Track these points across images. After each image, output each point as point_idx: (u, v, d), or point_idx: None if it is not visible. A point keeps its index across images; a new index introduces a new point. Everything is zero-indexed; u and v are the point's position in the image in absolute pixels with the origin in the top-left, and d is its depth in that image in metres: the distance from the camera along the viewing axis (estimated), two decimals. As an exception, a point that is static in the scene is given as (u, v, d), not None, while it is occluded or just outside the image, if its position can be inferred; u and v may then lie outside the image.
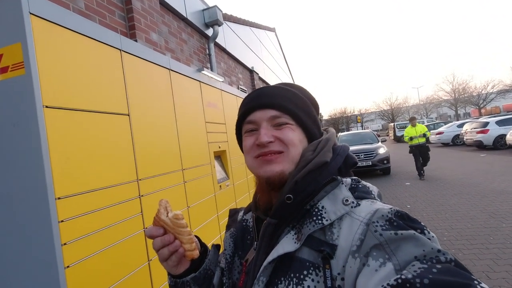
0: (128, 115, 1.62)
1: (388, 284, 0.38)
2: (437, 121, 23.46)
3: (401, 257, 0.41)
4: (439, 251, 0.41)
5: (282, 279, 0.51)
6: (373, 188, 0.59)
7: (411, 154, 8.06)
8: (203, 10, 4.67)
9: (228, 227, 0.75)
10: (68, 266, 1.15)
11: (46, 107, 1.16)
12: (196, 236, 0.70)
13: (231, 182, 3.05)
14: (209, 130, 2.68)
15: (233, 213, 0.79)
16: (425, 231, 0.44)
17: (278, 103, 0.61)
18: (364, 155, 8.69)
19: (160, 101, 1.97)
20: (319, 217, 0.51)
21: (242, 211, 0.77)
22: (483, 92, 34.59)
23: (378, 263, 0.42)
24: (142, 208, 1.63)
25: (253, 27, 8.14)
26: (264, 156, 0.59)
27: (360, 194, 0.54)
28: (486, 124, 11.59)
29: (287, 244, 0.52)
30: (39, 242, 1.11)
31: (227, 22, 5.81)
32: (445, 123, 19.03)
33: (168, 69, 2.13)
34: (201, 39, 4.68)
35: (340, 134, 12.09)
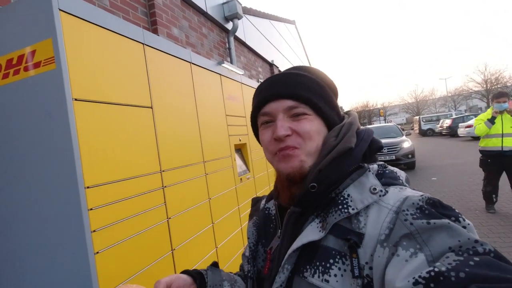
0: (151, 108, 1.66)
1: (420, 277, 0.36)
2: (466, 114, 22.33)
3: (434, 247, 0.39)
4: (476, 241, 0.37)
5: (308, 267, 0.50)
6: (401, 173, 0.56)
7: (482, 168, 4.24)
8: (223, 3, 4.66)
9: (251, 216, 0.75)
10: (97, 252, 1.20)
11: (75, 99, 1.20)
12: (186, 271, 0.68)
13: (252, 175, 3.07)
14: (230, 123, 2.69)
15: (255, 201, 0.79)
16: (460, 219, 0.42)
17: (294, 92, 0.57)
18: (387, 149, 8.42)
19: (181, 94, 2.00)
20: (345, 206, 0.49)
21: (264, 199, 0.76)
22: (518, 82, 32.47)
23: (408, 253, 0.40)
24: (165, 199, 1.67)
25: (273, 20, 8.05)
26: (282, 151, 0.57)
27: (387, 180, 0.52)
28: (522, 116, 10.82)
29: (311, 233, 0.51)
30: (70, 229, 1.17)
31: (246, 15, 5.78)
32: (475, 116, 18.06)
33: (189, 62, 2.15)
34: (221, 33, 4.69)
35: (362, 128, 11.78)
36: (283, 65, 8.63)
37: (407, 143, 8.53)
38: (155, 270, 1.51)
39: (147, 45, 1.70)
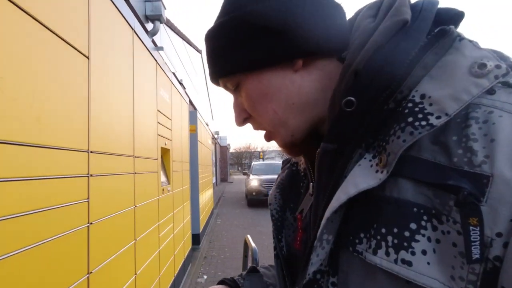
0: (88, 58, 1.15)
1: None
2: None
3: None
4: None
5: (362, 236, 0.29)
6: None
7: None
8: (145, 0, 4.21)
9: (276, 180, 0.56)
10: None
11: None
12: (222, 281, 0.57)
13: (171, 187, 2.57)
14: (160, 121, 2.23)
15: (286, 163, 0.57)
16: None
17: (214, 71, 0.41)
18: (277, 184, 9.06)
19: (122, 61, 1.51)
20: (419, 115, 0.27)
21: None
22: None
23: None
24: (89, 193, 1.11)
25: (185, 41, 7.88)
26: None
27: None
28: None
29: (362, 177, 0.29)
30: None
31: (164, 24, 5.42)
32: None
33: (132, 29, 1.69)
34: (138, 31, 4.16)
35: (253, 163, 12.45)
36: (188, 87, 8.38)
37: (293, 180, 9.43)
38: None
39: (95, -24, 1.22)
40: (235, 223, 6.84)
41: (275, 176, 6.83)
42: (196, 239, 4.09)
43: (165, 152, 2.50)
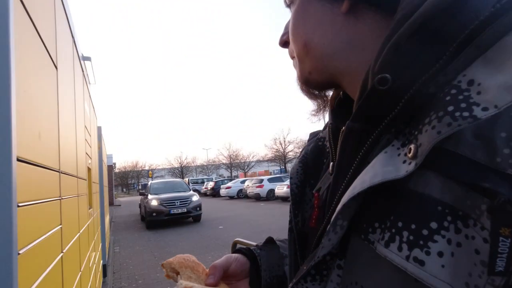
0: (56, 68, 1.04)
1: None
2: (225, 178, 27.78)
3: None
4: None
5: (376, 225, 0.28)
6: None
7: None
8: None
9: (301, 152, 0.54)
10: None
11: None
12: (239, 250, 0.55)
13: (93, 212, 2.27)
14: (86, 138, 1.99)
15: (313, 135, 0.54)
16: None
17: None
18: (180, 202, 8.78)
19: (69, 72, 1.36)
20: (462, 104, 0.24)
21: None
22: (247, 160, 45.39)
23: None
24: (62, 219, 0.99)
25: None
26: None
27: None
28: (262, 181, 15.30)
29: (387, 166, 0.27)
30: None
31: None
32: (230, 180, 22.90)
33: (73, 36, 1.54)
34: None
35: (150, 182, 11.61)
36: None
37: (195, 197, 9.33)
38: None
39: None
40: (138, 248, 6.25)
41: (176, 194, 6.62)
42: (104, 270, 3.60)
43: (88, 172, 2.22)
